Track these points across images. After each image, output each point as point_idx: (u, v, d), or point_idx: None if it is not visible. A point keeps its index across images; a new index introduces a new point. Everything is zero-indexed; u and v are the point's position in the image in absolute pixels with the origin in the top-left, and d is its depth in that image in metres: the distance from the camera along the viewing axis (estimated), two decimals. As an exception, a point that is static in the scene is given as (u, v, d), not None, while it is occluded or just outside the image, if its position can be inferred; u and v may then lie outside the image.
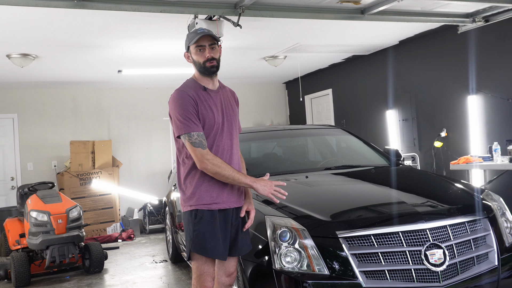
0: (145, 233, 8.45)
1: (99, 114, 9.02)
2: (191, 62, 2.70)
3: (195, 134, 2.52)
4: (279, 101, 10.49)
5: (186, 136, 2.52)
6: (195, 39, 2.62)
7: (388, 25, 5.70)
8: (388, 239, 2.72)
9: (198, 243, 2.57)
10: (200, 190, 2.59)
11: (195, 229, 2.58)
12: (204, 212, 2.58)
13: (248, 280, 2.88)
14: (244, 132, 4.78)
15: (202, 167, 2.53)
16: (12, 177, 8.43)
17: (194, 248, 2.58)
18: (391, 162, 4.30)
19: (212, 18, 4.59)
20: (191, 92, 2.59)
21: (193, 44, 2.64)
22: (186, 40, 2.72)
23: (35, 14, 4.43)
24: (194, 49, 2.65)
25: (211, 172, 2.53)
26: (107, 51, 6.08)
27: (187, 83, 2.69)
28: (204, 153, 2.52)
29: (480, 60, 5.67)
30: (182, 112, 2.53)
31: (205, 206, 2.58)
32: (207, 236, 2.57)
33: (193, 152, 2.53)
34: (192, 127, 2.52)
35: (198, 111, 2.57)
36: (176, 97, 2.58)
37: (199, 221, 2.58)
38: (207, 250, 2.57)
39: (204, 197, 2.59)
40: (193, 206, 2.59)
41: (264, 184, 2.59)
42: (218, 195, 2.61)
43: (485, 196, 3.27)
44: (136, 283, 5.15)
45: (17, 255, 5.33)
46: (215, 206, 2.60)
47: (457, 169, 5.60)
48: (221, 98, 2.70)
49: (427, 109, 6.60)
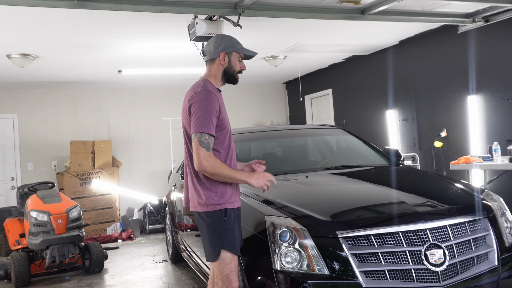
0: (145, 233, 8.45)
1: (99, 114, 9.02)
2: (223, 64, 2.74)
3: (207, 135, 2.55)
4: (279, 101, 10.49)
5: (199, 134, 2.55)
6: (244, 49, 2.76)
7: (388, 25, 5.70)
8: (388, 239, 2.72)
9: (229, 241, 2.63)
10: (227, 189, 2.65)
11: (227, 227, 2.63)
12: (232, 210, 2.66)
13: (248, 280, 2.88)
14: (244, 132, 4.80)
15: (201, 168, 2.55)
16: (12, 177, 8.43)
17: (227, 247, 2.62)
18: (391, 162, 4.30)
19: (212, 18, 4.59)
20: (216, 93, 2.66)
21: (239, 51, 2.75)
22: (227, 41, 2.76)
23: (35, 14, 4.43)
24: (237, 55, 2.77)
25: (210, 173, 2.56)
26: (107, 51, 6.08)
27: (208, 83, 2.71)
28: (207, 154, 2.54)
29: (480, 60, 5.67)
30: (207, 112, 2.56)
31: (231, 205, 2.66)
32: (236, 234, 2.67)
33: (197, 151, 2.55)
34: (209, 128, 2.56)
35: (220, 114, 2.64)
36: (205, 96, 2.60)
37: (228, 219, 2.64)
38: (237, 247, 2.67)
39: (230, 196, 2.66)
40: (223, 204, 2.63)
41: (257, 177, 2.68)
42: (237, 193, 2.73)
43: (485, 196, 3.27)
44: (136, 283, 5.15)
45: (17, 255, 5.33)
46: (236, 204, 2.71)
47: (457, 169, 5.60)
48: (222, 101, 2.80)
49: (427, 109, 6.60)
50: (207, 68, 2.81)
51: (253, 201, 3.26)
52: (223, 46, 2.74)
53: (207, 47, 2.81)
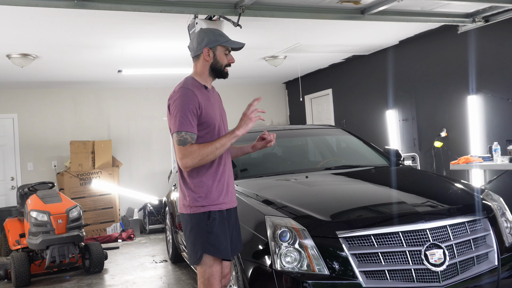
0: (145, 233, 8.45)
1: (99, 114, 9.02)
2: (208, 60, 2.61)
3: (183, 132, 2.45)
4: (279, 101, 10.49)
5: (176, 134, 2.47)
6: (229, 41, 2.61)
7: (388, 25, 5.70)
8: (388, 239, 2.72)
9: (212, 245, 2.52)
10: (212, 190, 2.55)
11: (209, 230, 2.52)
12: (216, 213, 2.55)
13: (248, 280, 2.88)
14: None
15: (185, 165, 2.46)
16: (12, 177, 8.43)
17: (208, 250, 2.52)
18: (391, 162, 4.30)
19: (212, 18, 4.59)
20: (196, 91, 2.55)
21: (223, 45, 2.61)
22: (210, 36, 2.61)
23: (35, 14, 4.42)
24: (223, 49, 2.62)
25: (195, 162, 2.46)
26: (107, 51, 6.08)
27: (189, 81, 2.61)
28: (183, 149, 2.45)
29: (480, 60, 5.67)
30: (183, 110, 2.47)
31: (217, 207, 2.55)
32: (221, 237, 2.54)
33: (176, 149, 2.48)
34: (186, 126, 2.46)
35: (202, 110, 2.52)
36: (181, 94, 2.51)
37: (212, 222, 2.53)
38: (221, 251, 2.54)
39: (216, 197, 2.56)
40: (206, 207, 2.53)
41: (243, 121, 2.56)
42: (226, 194, 2.61)
43: (485, 196, 3.27)
44: (136, 283, 5.15)
45: (17, 255, 5.33)
46: (224, 206, 2.59)
47: (457, 169, 5.60)
48: (215, 98, 2.72)
49: (427, 109, 6.60)
50: (193, 65, 2.68)
51: (253, 201, 3.26)
52: (206, 41, 2.59)
53: (191, 43, 2.68)
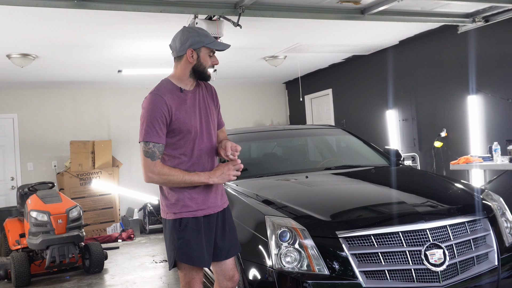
0: (145, 233, 8.45)
1: (99, 114, 9.02)
2: (191, 61, 2.47)
3: (151, 144, 2.36)
4: (279, 101, 10.49)
5: (143, 143, 2.38)
6: (214, 43, 2.49)
7: (388, 25, 5.70)
8: (388, 239, 2.72)
9: (183, 252, 2.45)
10: (185, 196, 2.46)
11: (180, 237, 2.45)
12: (189, 220, 2.46)
13: (248, 280, 2.88)
14: (244, 132, 4.80)
15: (148, 179, 2.40)
16: (12, 177, 8.43)
17: (179, 257, 2.46)
18: (391, 162, 4.29)
19: (212, 18, 4.59)
20: (167, 96, 2.42)
21: (208, 47, 2.48)
22: (195, 36, 2.46)
23: (35, 14, 4.43)
24: (207, 51, 2.49)
25: (159, 183, 2.42)
26: (107, 51, 6.08)
27: (163, 84, 2.50)
28: (152, 164, 2.37)
29: (480, 60, 5.67)
30: (150, 119, 2.37)
31: (190, 214, 2.46)
32: (192, 244, 2.45)
33: (142, 161, 2.39)
34: (152, 136, 2.36)
35: (172, 117, 2.41)
36: (149, 101, 2.41)
37: (183, 229, 2.46)
38: (193, 259, 2.47)
39: (189, 204, 2.47)
40: (178, 214, 2.46)
41: (220, 173, 2.48)
42: (204, 201, 2.51)
43: (485, 196, 3.26)
44: (136, 283, 5.15)
45: (17, 255, 5.33)
46: (200, 213, 2.49)
47: (457, 169, 5.60)
48: (197, 99, 2.55)
49: (427, 109, 6.60)
50: (174, 65, 2.55)
51: (253, 201, 3.26)
52: (190, 42, 2.45)
53: (173, 42, 2.52)
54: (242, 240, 2.94)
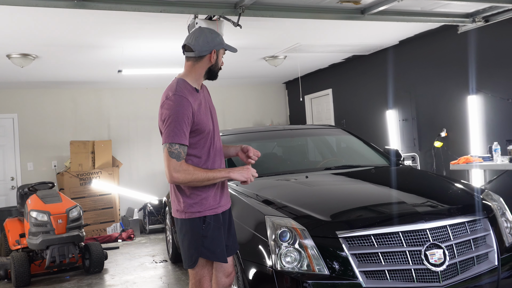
0: (145, 233, 8.45)
1: (99, 114, 9.02)
2: (212, 62, 2.54)
3: (178, 145, 2.40)
4: (279, 101, 10.49)
5: (168, 144, 2.40)
6: (227, 46, 2.59)
7: (388, 25, 5.70)
8: (388, 239, 2.72)
9: (208, 249, 2.52)
10: (209, 196, 2.53)
11: (205, 234, 2.52)
12: (211, 217, 2.54)
13: (248, 280, 2.88)
14: (244, 132, 4.80)
15: (173, 179, 2.41)
16: (12, 177, 8.43)
17: (204, 254, 2.53)
18: (391, 162, 4.30)
19: (212, 18, 4.59)
20: (190, 97, 2.46)
21: (226, 48, 2.60)
22: (217, 37, 2.55)
23: (35, 14, 4.42)
24: (223, 52, 2.61)
25: (184, 182, 2.43)
26: (107, 51, 6.08)
27: (182, 85, 2.51)
28: (178, 165, 2.39)
29: (480, 60, 5.67)
30: (177, 120, 2.40)
31: (212, 211, 2.54)
32: (217, 241, 2.55)
33: (167, 162, 2.40)
34: (180, 137, 2.40)
35: (195, 118, 2.46)
36: (174, 102, 2.42)
37: (207, 227, 2.52)
38: (217, 255, 2.55)
39: (211, 202, 2.54)
40: (202, 212, 2.52)
41: (240, 170, 2.57)
42: (220, 198, 2.60)
43: (485, 196, 3.27)
44: (136, 283, 5.15)
45: (17, 255, 5.33)
46: (220, 209, 2.59)
47: (457, 169, 5.60)
48: (204, 98, 2.62)
49: (427, 109, 6.60)
50: (188, 65, 2.57)
51: (253, 201, 3.26)
52: (215, 42, 2.52)
53: (195, 41, 2.52)
54: (242, 240, 2.95)
